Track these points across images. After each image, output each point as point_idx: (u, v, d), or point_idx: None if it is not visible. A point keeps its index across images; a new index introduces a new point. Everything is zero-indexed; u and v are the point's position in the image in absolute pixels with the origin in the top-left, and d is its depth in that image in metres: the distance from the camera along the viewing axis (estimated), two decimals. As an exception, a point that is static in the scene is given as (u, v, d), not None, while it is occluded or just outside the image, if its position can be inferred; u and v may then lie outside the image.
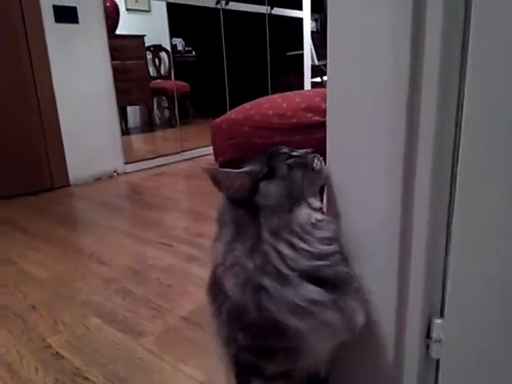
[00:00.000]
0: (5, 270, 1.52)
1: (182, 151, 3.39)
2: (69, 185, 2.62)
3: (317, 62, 4.34)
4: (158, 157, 3.20)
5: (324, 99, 1.03)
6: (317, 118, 0.99)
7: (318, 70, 4.53)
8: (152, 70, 5.01)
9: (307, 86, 4.47)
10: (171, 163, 3.21)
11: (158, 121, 5.28)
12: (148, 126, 5.02)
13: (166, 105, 5.38)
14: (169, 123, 5.27)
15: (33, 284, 1.41)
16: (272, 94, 4.34)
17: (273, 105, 1.09)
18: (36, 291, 1.35)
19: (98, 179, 2.76)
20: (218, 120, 1.18)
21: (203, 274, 0.80)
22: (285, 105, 1.07)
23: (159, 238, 1.74)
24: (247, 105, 1.16)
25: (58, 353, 1.04)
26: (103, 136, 2.79)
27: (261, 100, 1.16)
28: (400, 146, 0.55)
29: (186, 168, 3.07)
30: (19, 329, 1.15)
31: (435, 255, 0.55)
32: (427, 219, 0.54)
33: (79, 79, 2.63)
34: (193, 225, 1.89)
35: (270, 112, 1.07)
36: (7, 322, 1.18)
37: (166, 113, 5.46)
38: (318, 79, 4.45)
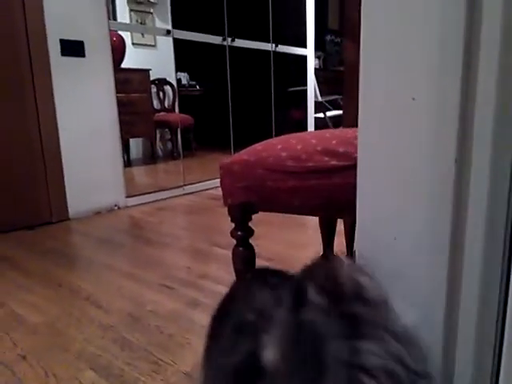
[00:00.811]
0: (-5, 312, 1.43)
1: (184, 185, 3.34)
2: (68, 219, 2.56)
3: (320, 98, 4.37)
4: (159, 191, 3.16)
5: (341, 143, 0.99)
6: (334, 162, 0.94)
7: (320, 106, 4.57)
8: (156, 103, 5.05)
9: (311, 120, 4.50)
10: (173, 197, 3.16)
11: (160, 153, 5.27)
12: (150, 158, 5.00)
13: (169, 137, 5.40)
14: (171, 155, 5.26)
15: (24, 330, 1.31)
16: (276, 129, 4.37)
17: (286, 146, 1.04)
18: (27, 338, 1.26)
19: (98, 213, 2.70)
20: (227, 161, 1.12)
21: (206, 321, 0.71)
22: (299, 147, 1.02)
23: (160, 280, 1.66)
24: (258, 145, 1.11)
25: (47, 414, 0.94)
26: (105, 169, 2.74)
27: (273, 141, 1.12)
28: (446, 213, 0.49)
29: (187, 203, 3.02)
30: (6, 381, 1.06)
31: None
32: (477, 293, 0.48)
33: (84, 112, 2.61)
34: (195, 264, 1.81)
35: (284, 154, 1.02)
36: (-6, 375, 1.09)
37: (169, 145, 5.46)
38: (321, 115, 4.47)
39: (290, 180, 0.99)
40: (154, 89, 4.69)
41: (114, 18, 3.33)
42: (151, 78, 4.37)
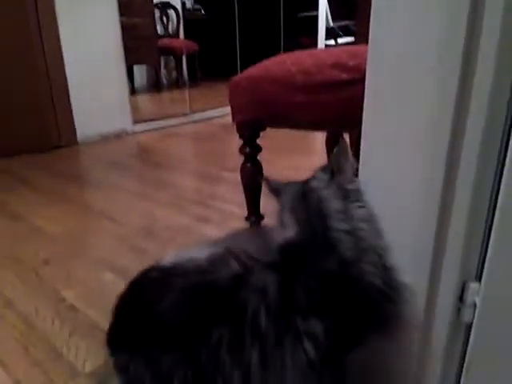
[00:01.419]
0: (16, 225, 1.52)
1: (191, 113, 3.32)
2: (76, 143, 2.59)
3: (331, 24, 4.19)
4: (166, 117, 3.15)
5: (352, 56, 0.99)
6: (344, 76, 0.94)
7: (331, 32, 4.39)
8: (160, 29, 4.86)
9: (321, 47, 4.34)
10: (180, 124, 3.16)
11: (165, 81, 5.17)
12: (155, 86, 4.91)
13: (174, 65, 5.27)
14: (176, 84, 5.16)
15: (44, 239, 1.40)
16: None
17: (296, 61, 1.04)
18: (48, 246, 1.35)
19: (106, 138, 2.73)
20: (236, 77, 1.13)
21: (216, 233, 0.79)
22: (309, 61, 1.02)
23: (170, 199, 1.73)
24: (268, 61, 1.11)
25: (72, 305, 1.04)
26: (112, 94, 2.73)
27: (282, 56, 1.11)
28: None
29: (194, 130, 3.03)
30: (33, 282, 1.15)
31: (477, 211, 0.52)
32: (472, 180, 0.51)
33: (87, 36, 2.55)
34: (204, 186, 1.87)
35: (293, 69, 1.02)
36: (21, 276, 1.19)
37: (173, 73, 5.34)
38: (331, 41, 4.31)
39: (299, 95, 1.00)
40: (157, 13, 4.49)
41: None
42: (154, 1, 4.18)
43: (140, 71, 4.79)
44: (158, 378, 0.57)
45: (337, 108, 0.98)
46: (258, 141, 1.17)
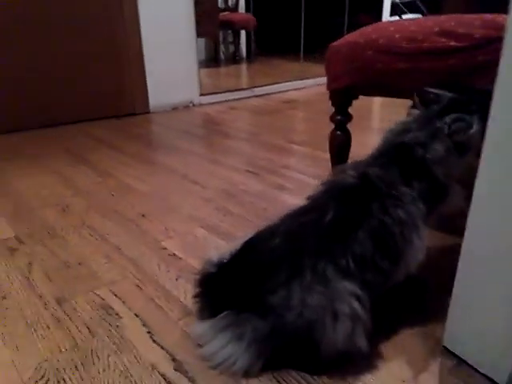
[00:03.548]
0: (107, 181, 1.64)
1: (254, 87, 3.36)
2: (148, 112, 2.71)
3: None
4: (230, 91, 3.21)
5: (460, 24, 0.98)
6: (453, 43, 0.95)
7: (395, 9, 4.24)
8: (220, 1, 4.88)
9: (384, 25, 4.21)
10: (243, 98, 3.21)
11: (222, 56, 5.22)
12: (213, 60, 4.98)
13: (231, 39, 5.29)
14: (233, 59, 5.20)
15: (136, 195, 1.51)
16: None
17: (399, 28, 1.05)
18: (141, 202, 1.46)
19: (175, 108, 2.83)
20: (335, 43, 1.15)
21: (295, 202, 0.86)
22: (413, 28, 1.02)
23: (245, 166, 1.79)
24: (368, 28, 1.12)
25: (174, 254, 1.13)
26: (182, 66, 2.81)
27: (384, 23, 1.12)
28: None
29: (258, 104, 3.07)
30: (135, 232, 1.26)
31: None
32: None
33: (163, 7, 2.62)
34: (275, 156, 1.92)
35: (397, 35, 1.03)
36: (123, 226, 1.29)
37: (231, 48, 5.37)
38: (395, 18, 4.18)
39: (402, 62, 1.02)
40: (218, -13, 4.51)
41: None
42: (215, -25, 4.19)
43: (199, 45, 4.86)
44: None
45: (442, 76, 0.99)
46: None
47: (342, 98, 1.18)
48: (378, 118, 2.59)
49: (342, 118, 1.20)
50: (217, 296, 0.79)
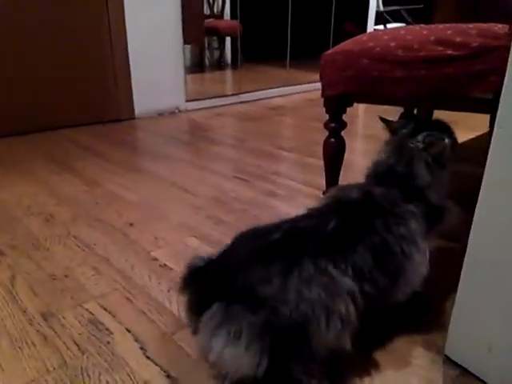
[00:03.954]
0: (94, 190, 1.59)
1: (238, 93, 3.35)
2: (134, 118, 2.66)
3: (382, 8, 4.11)
4: (216, 97, 3.18)
5: (457, 33, 0.98)
6: (450, 52, 0.95)
7: (380, 18, 4.30)
8: (205, 8, 4.87)
9: (368, 34, 4.26)
10: (229, 104, 3.19)
11: (207, 62, 5.20)
12: (198, 66, 4.95)
13: (217, 46, 5.28)
14: (218, 65, 5.19)
15: (124, 204, 1.47)
16: (334, 44, 4.16)
17: (395, 37, 1.05)
18: (129, 211, 1.41)
19: (161, 114, 2.79)
20: (330, 51, 1.14)
21: (287, 209, 0.85)
22: (409, 37, 1.02)
23: (234, 173, 1.77)
24: (363, 36, 1.12)
25: (165, 265, 1.10)
26: (168, 72, 2.77)
27: (378, 32, 1.12)
28: None
29: (244, 110, 3.05)
30: (123, 242, 1.22)
31: None
32: None
33: (150, 12, 2.58)
34: (264, 163, 1.90)
35: (393, 44, 1.03)
36: (110, 235, 1.25)
37: (216, 54, 5.36)
38: (380, 27, 4.23)
39: (398, 70, 1.01)
40: (202, -8, 4.50)
41: None
42: (201, -19, 4.18)
43: (184, 51, 4.83)
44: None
45: (438, 84, 0.98)
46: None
47: (336, 106, 1.17)
48: (363, 124, 2.60)
49: (336, 126, 1.19)
50: (205, 288, 0.73)
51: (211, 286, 0.72)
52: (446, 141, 0.85)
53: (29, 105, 2.30)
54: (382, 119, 0.93)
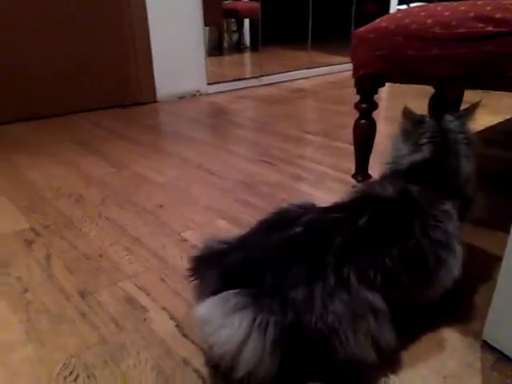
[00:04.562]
0: (122, 172, 1.60)
1: (260, 76, 3.31)
2: (156, 101, 2.66)
3: (406, -13, 3.98)
4: (237, 80, 3.16)
5: (497, 9, 0.95)
6: (490, 29, 0.91)
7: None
8: (223, -11, 4.80)
9: (392, 14, 4.15)
10: (251, 87, 3.16)
11: (225, 45, 5.15)
12: (217, 49, 4.91)
13: (235, 28, 5.22)
14: (237, 48, 5.13)
15: (152, 186, 1.48)
16: (356, 25, 4.06)
17: (431, 13, 1.01)
18: (158, 193, 1.43)
19: (182, 97, 2.79)
20: (362, 29, 1.11)
21: (313, 191, 0.83)
22: (447, 13, 0.99)
23: (260, 157, 1.76)
24: (398, 13, 1.09)
25: (196, 246, 1.11)
26: (189, 54, 2.76)
27: (414, 9, 1.08)
28: None
29: (266, 93, 3.02)
30: (154, 223, 1.23)
31: None
32: None
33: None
34: (290, 147, 1.88)
35: (429, 21, 1.00)
36: (141, 216, 1.27)
37: (234, 37, 5.30)
38: (404, 6, 4.11)
39: (435, 48, 0.98)
40: (221, -27, 4.44)
41: None
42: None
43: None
44: None
45: (475, 62, 0.95)
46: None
47: (368, 86, 1.15)
48: (385, 107, 2.55)
49: (367, 107, 1.17)
50: (225, 276, 0.69)
51: (232, 274, 0.69)
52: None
53: (50, 88, 2.32)
54: (406, 111, 0.84)
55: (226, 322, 0.62)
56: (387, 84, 1.18)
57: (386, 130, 2.13)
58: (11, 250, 1.11)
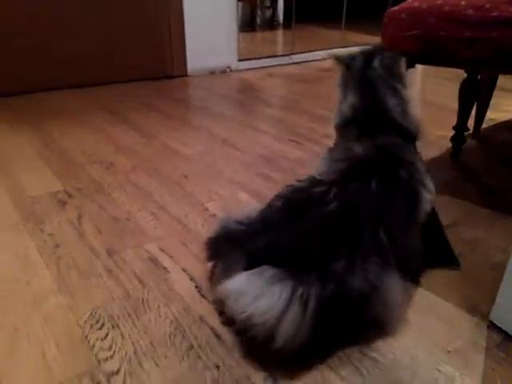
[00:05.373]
0: (150, 142, 1.66)
1: (292, 54, 3.29)
2: (186, 75, 2.70)
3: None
4: (268, 57, 3.15)
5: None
6: (525, 12, 0.89)
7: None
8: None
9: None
10: (281, 65, 3.15)
11: (258, 21, 5.10)
12: (249, 25, 4.87)
13: (269, 4, 5.15)
14: (270, 24, 5.07)
15: (179, 158, 1.53)
16: (392, 4, 3.93)
17: (466, -5, 0.99)
18: (183, 164, 1.48)
19: (212, 73, 2.81)
20: (395, 8, 1.11)
21: None
22: (482, -5, 0.97)
23: (284, 134, 1.78)
24: (432, -6, 1.07)
25: (217, 215, 1.15)
26: (221, 30, 2.76)
27: (448, -11, 1.06)
28: None
29: (296, 71, 3.01)
30: (179, 192, 1.28)
31: None
32: None
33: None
34: (317, 126, 1.89)
35: (463, 2, 0.98)
36: (167, 186, 1.32)
37: (267, 13, 5.23)
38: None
39: (467, 30, 0.97)
40: None
41: None
42: None
43: (237, 9, 4.74)
44: None
45: (507, 46, 0.94)
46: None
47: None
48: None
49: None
50: (249, 256, 0.70)
51: (259, 258, 0.69)
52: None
53: (82, 58, 2.38)
54: (337, 58, 0.90)
55: (264, 291, 0.62)
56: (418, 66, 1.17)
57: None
58: (46, 209, 1.18)
